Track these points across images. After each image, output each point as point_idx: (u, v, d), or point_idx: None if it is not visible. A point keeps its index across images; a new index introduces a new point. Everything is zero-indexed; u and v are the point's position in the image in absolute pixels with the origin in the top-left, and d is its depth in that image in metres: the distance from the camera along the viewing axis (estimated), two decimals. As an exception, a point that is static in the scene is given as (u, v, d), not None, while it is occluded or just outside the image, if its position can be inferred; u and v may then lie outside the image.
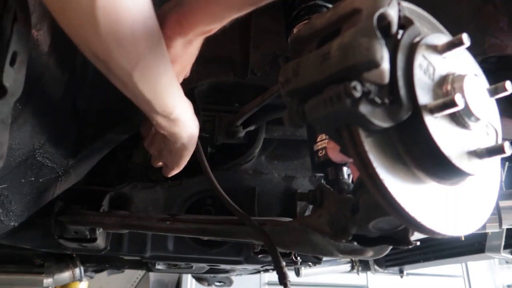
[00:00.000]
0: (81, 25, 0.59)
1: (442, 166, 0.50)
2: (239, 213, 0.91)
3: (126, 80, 0.68)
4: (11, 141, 0.76)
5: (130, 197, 1.28)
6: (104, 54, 0.63)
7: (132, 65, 0.66)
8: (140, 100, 0.74)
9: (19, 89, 0.62)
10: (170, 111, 0.79)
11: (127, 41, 0.62)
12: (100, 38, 0.60)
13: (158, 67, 0.70)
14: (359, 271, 2.76)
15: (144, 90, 0.71)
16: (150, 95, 0.72)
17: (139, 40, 0.64)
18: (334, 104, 0.46)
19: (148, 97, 0.73)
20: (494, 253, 1.71)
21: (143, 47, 0.65)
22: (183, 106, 0.83)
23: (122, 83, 0.70)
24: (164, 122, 0.82)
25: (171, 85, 0.77)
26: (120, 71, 0.66)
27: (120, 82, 0.70)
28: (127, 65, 0.65)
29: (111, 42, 0.61)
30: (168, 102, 0.77)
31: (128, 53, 0.64)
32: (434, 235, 0.50)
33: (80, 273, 1.84)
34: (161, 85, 0.73)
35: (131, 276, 3.81)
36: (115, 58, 0.63)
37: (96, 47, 0.62)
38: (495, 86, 0.55)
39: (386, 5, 0.48)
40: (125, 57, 0.64)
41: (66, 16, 0.58)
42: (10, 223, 0.95)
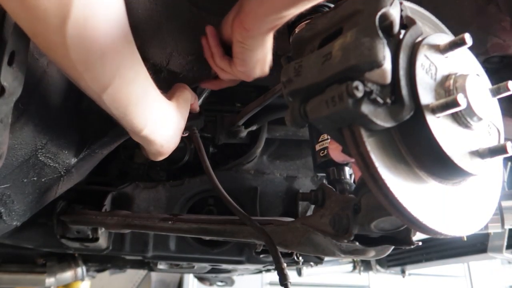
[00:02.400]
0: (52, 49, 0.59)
1: (444, 166, 0.50)
2: (240, 213, 0.91)
3: (96, 98, 0.69)
4: (13, 141, 0.76)
5: (132, 197, 1.28)
6: (74, 76, 0.64)
7: (101, 88, 0.66)
8: (112, 114, 0.75)
9: (18, 88, 0.62)
10: (139, 130, 0.80)
11: (97, 68, 0.63)
12: (70, 63, 0.60)
13: (130, 92, 0.71)
14: (361, 271, 2.76)
15: (113, 110, 0.72)
16: (119, 115, 0.74)
17: (109, 68, 0.64)
18: (336, 104, 0.46)
19: (117, 116, 0.74)
20: (496, 253, 1.70)
21: (113, 72, 0.66)
22: (154, 126, 0.83)
23: (95, 100, 0.71)
24: (133, 136, 0.84)
25: (142, 104, 0.76)
26: (90, 91, 0.67)
27: (93, 98, 0.71)
28: (96, 88, 0.66)
29: (81, 67, 0.61)
30: (138, 122, 0.78)
31: (97, 77, 0.65)
32: (436, 235, 0.50)
33: (82, 273, 1.85)
34: (131, 108, 0.74)
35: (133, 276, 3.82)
36: (84, 81, 0.64)
37: (67, 69, 0.63)
38: (497, 86, 0.55)
39: (388, 5, 0.48)
40: (94, 81, 0.65)
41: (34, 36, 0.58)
42: (13, 222, 0.95)
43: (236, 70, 0.92)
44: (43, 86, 0.78)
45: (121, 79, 0.68)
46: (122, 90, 0.69)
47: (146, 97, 0.76)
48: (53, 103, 0.84)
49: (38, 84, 0.77)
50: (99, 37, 0.59)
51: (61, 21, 0.54)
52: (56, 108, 0.85)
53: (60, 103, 0.87)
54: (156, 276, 3.82)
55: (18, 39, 0.60)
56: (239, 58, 0.87)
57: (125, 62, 0.67)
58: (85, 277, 1.89)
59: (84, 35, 0.57)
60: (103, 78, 0.65)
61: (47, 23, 0.54)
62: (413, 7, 0.55)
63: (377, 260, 2.67)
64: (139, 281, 3.86)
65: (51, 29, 0.55)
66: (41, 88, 0.78)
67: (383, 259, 2.64)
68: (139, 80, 0.72)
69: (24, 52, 0.63)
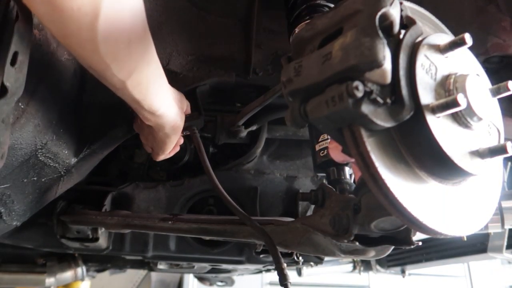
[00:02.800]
0: (81, 45, 0.61)
1: (444, 166, 0.50)
2: (240, 213, 0.91)
3: (119, 87, 0.73)
4: (14, 141, 0.76)
5: (132, 197, 1.28)
6: (100, 67, 0.67)
7: (126, 76, 0.70)
8: (130, 100, 0.80)
9: (20, 88, 0.62)
10: (156, 109, 0.87)
11: (124, 57, 0.66)
12: (99, 56, 0.63)
13: (150, 75, 0.76)
14: (361, 271, 2.76)
15: (135, 95, 0.77)
16: (141, 97, 0.79)
17: (134, 54, 0.68)
18: (336, 104, 0.46)
19: (138, 99, 0.79)
20: (496, 253, 1.70)
21: (137, 60, 0.70)
22: (168, 105, 0.92)
23: (116, 89, 0.75)
24: (150, 117, 0.89)
25: (160, 88, 0.84)
26: (114, 80, 0.71)
27: (113, 87, 0.75)
28: (121, 76, 0.70)
29: (109, 58, 0.64)
30: (156, 102, 0.85)
31: (123, 66, 0.68)
32: (436, 235, 0.50)
33: (82, 273, 1.85)
34: (151, 89, 0.80)
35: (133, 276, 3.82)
36: (111, 71, 0.67)
37: (94, 62, 0.66)
38: (497, 86, 0.55)
39: (388, 5, 0.48)
40: (121, 70, 0.68)
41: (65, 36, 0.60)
42: (13, 222, 0.95)
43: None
44: (44, 86, 0.78)
45: (144, 62, 0.72)
46: (144, 72, 0.74)
47: (161, 76, 0.83)
48: (53, 103, 0.84)
49: (39, 85, 0.77)
50: (126, 27, 0.62)
51: (92, 18, 0.56)
52: (56, 108, 0.85)
53: (60, 103, 0.87)
54: (156, 276, 3.82)
55: (21, 40, 0.60)
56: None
57: (147, 46, 0.72)
58: (85, 277, 1.89)
59: (113, 28, 0.60)
60: (129, 65, 0.69)
61: (80, 22, 0.56)
62: (413, 7, 0.55)
63: (377, 260, 2.67)
64: (139, 281, 3.86)
65: (83, 27, 0.57)
66: (41, 89, 0.78)
67: (383, 259, 2.64)
68: (156, 60, 0.77)
69: (26, 52, 0.63)
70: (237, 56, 1.22)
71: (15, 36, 0.59)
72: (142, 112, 0.87)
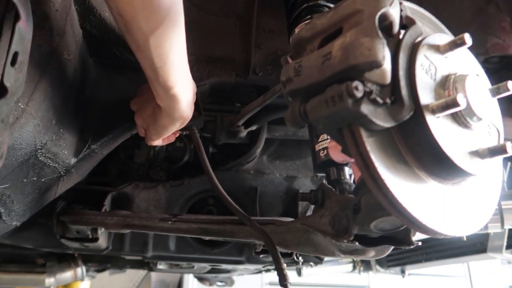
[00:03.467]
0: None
1: (444, 166, 0.50)
2: (240, 214, 0.91)
3: (141, 43, 0.73)
4: (13, 141, 0.76)
5: (132, 197, 1.28)
6: (128, 13, 0.68)
7: (151, 29, 0.71)
8: (148, 65, 0.79)
9: (19, 88, 0.62)
10: (171, 85, 0.83)
11: (153, 5, 0.68)
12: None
13: (173, 39, 0.75)
14: (360, 271, 2.76)
15: (154, 57, 0.76)
16: (159, 63, 0.77)
17: (163, 7, 0.69)
18: (336, 104, 0.46)
19: (157, 65, 0.77)
20: (496, 253, 1.70)
21: (165, 15, 0.70)
22: (183, 86, 0.88)
23: (137, 46, 0.75)
24: (163, 95, 0.87)
25: (180, 62, 0.82)
26: (138, 32, 0.71)
27: (135, 43, 0.75)
28: (146, 28, 0.70)
29: (138, 2, 0.66)
30: (172, 76, 0.82)
31: (150, 16, 0.69)
32: (436, 235, 0.50)
33: (82, 273, 1.85)
34: (171, 57, 0.78)
35: (133, 276, 3.82)
36: (137, 19, 0.68)
37: (123, 5, 0.67)
38: (497, 86, 0.55)
39: (388, 5, 0.48)
40: (147, 20, 0.69)
41: None
42: (12, 222, 0.95)
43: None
44: (43, 86, 0.78)
45: (171, 22, 0.72)
46: (169, 35, 0.74)
47: (184, 52, 0.82)
48: (53, 103, 0.84)
49: (38, 85, 0.77)
50: None
51: None
52: (56, 108, 0.85)
53: (60, 103, 0.87)
54: (156, 276, 3.82)
55: (21, 40, 0.60)
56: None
57: (177, 13, 0.73)
58: (85, 277, 1.89)
59: None
60: (156, 18, 0.70)
61: None
62: (413, 7, 0.55)
63: (377, 260, 2.67)
64: (139, 281, 3.86)
65: None
66: (41, 89, 0.78)
67: (383, 259, 2.64)
68: (182, 31, 0.77)
69: (26, 53, 0.63)
70: (237, 56, 1.22)
71: (15, 36, 0.59)
72: (156, 86, 0.85)
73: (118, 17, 0.71)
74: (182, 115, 0.94)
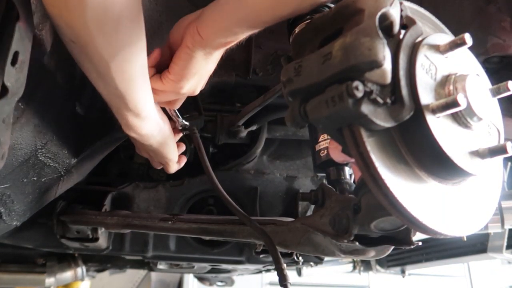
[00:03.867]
0: (67, 7, 0.58)
1: (444, 166, 0.50)
2: (240, 214, 0.91)
3: (102, 70, 0.67)
4: (13, 141, 0.76)
5: (132, 197, 1.28)
6: (84, 38, 0.62)
7: (111, 54, 0.65)
8: (113, 94, 0.73)
9: (20, 88, 0.62)
10: (142, 108, 0.79)
11: (111, 29, 0.62)
12: (84, 22, 0.59)
13: (136, 62, 0.70)
14: (360, 271, 2.76)
15: (119, 83, 0.70)
16: (125, 89, 0.72)
17: (122, 30, 0.64)
18: (336, 104, 0.46)
19: (122, 91, 0.72)
20: (496, 253, 1.70)
21: (125, 38, 0.65)
22: (152, 105, 0.83)
23: (98, 73, 0.69)
24: (135, 121, 0.81)
25: (145, 83, 0.76)
26: (98, 58, 0.65)
27: (95, 71, 0.69)
28: (106, 53, 0.64)
29: (95, 27, 0.60)
30: (141, 98, 0.77)
31: (109, 41, 0.63)
32: (436, 235, 0.50)
33: (82, 273, 1.85)
34: (136, 80, 0.73)
35: (133, 275, 3.82)
36: (95, 44, 0.62)
37: (78, 30, 0.61)
38: (497, 86, 0.55)
39: (388, 5, 0.48)
40: (106, 44, 0.63)
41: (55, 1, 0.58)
42: (13, 222, 0.95)
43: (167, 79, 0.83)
44: (43, 86, 0.78)
45: (132, 48, 0.67)
46: (132, 57, 0.68)
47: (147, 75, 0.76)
48: (53, 103, 0.84)
49: (39, 84, 0.77)
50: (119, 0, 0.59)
51: None
52: (56, 108, 0.85)
53: (60, 103, 0.87)
54: (156, 276, 3.82)
55: (21, 39, 0.60)
56: (178, 64, 0.80)
57: (137, 31, 0.67)
58: (85, 277, 1.89)
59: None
60: (116, 44, 0.64)
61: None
62: (413, 7, 0.55)
63: (377, 260, 2.67)
64: (139, 281, 3.86)
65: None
66: (41, 89, 0.78)
67: (383, 259, 2.64)
68: (145, 54, 0.72)
69: (27, 52, 0.63)
70: (237, 56, 1.22)
71: (15, 36, 0.58)
72: (125, 116, 0.79)
73: (71, 44, 0.65)
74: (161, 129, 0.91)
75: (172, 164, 1.06)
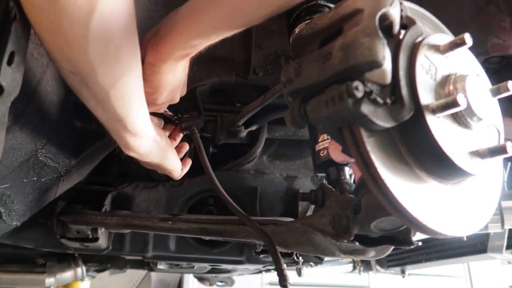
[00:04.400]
0: (68, 43, 0.58)
1: (444, 166, 0.50)
2: (240, 214, 0.91)
3: (102, 97, 0.68)
4: (13, 141, 0.76)
5: (132, 197, 1.28)
6: (85, 70, 0.63)
7: (111, 83, 0.66)
8: (112, 118, 0.74)
9: (16, 88, 0.62)
10: (141, 127, 0.80)
11: (111, 61, 0.63)
12: (86, 57, 0.59)
13: (134, 84, 0.71)
14: (360, 271, 2.76)
15: (118, 108, 0.71)
16: (124, 113, 0.73)
17: (123, 60, 0.64)
18: (336, 104, 0.46)
19: (121, 115, 0.73)
20: (496, 253, 1.70)
21: (125, 67, 0.66)
22: (149, 122, 0.85)
23: (97, 101, 0.69)
24: (133, 141, 0.83)
25: (142, 101, 0.77)
26: (97, 88, 0.66)
27: (93, 99, 0.69)
28: (106, 83, 0.65)
29: (97, 60, 0.60)
30: (138, 118, 0.78)
31: (110, 72, 0.64)
32: (436, 236, 0.50)
33: (82, 273, 1.85)
34: (134, 101, 0.74)
35: (133, 275, 3.82)
36: (96, 75, 0.63)
37: (79, 64, 0.62)
38: (497, 86, 0.55)
39: (388, 5, 0.48)
40: (106, 75, 0.64)
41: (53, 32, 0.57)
42: (13, 222, 0.95)
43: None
44: (43, 86, 0.78)
45: (131, 73, 0.68)
46: (129, 82, 0.69)
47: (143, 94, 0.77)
48: (53, 103, 0.84)
49: (38, 85, 0.77)
50: (119, 30, 0.59)
51: (87, 14, 0.54)
52: (56, 108, 0.85)
53: (60, 103, 0.87)
54: (156, 276, 3.82)
55: (18, 39, 0.60)
56: (146, 80, 0.80)
57: (135, 55, 0.68)
58: (85, 277, 1.89)
59: (106, 27, 0.57)
60: (116, 71, 0.65)
61: (73, 16, 0.54)
62: (413, 7, 0.55)
63: (377, 260, 2.67)
64: (139, 281, 3.86)
65: (76, 22, 0.54)
66: (41, 89, 0.78)
67: (383, 259, 2.64)
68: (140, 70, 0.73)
69: (23, 52, 0.63)
70: (237, 56, 1.22)
71: (12, 36, 0.58)
72: (124, 137, 0.80)
73: (70, 76, 0.64)
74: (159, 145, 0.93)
75: (175, 172, 1.07)
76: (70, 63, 0.62)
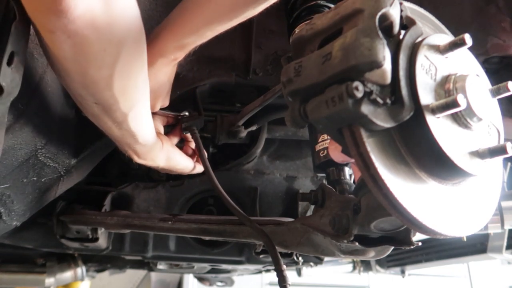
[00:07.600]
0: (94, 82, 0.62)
1: (444, 166, 0.50)
2: (240, 214, 0.91)
3: (120, 121, 0.73)
4: (13, 141, 0.76)
5: (132, 197, 1.28)
6: (108, 103, 0.67)
7: (130, 107, 0.71)
8: (127, 135, 0.79)
9: (15, 89, 0.62)
10: (149, 138, 0.86)
11: (133, 89, 0.68)
12: (110, 92, 0.64)
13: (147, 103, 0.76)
14: (360, 271, 2.76)
15: (133, 127, 0.76)
16: (137, 129, 0.78)
17: (140, 86, 0.70)
18: (336, 104, 0.46)
19: (135, 131, 0.78)
20: (496, 253, 1.70)
21: (141, 90, 0.71)
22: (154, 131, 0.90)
23: (116, 123, 0.74)
24: (143, 150, 0.88)
25: (150, 114, 0.82)
26: (118, 113, 0.70)
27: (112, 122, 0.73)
28: (125, 108, 0.70)
29: (119, 93, 0.65)
30: (148, 131, 0.84)
31: (130, 99, 0.69)
32: (436, 236, 0.50)
33: (82, 273, 1.85)
34: (145, 117, 0.79)
35: (133, 276, 3.81)
36: (117, 104, 0.68)
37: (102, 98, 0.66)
38: (497, 87, 0.55)
39: (388, 5, 0.48)
40: (128, 101, 0.69)
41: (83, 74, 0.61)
42: (13, 222, 0.95)
43: None
44: (43, 87, 0.78)
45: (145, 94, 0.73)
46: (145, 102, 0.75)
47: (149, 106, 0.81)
48: (53, 103, 0.84)
49: (38, 85, 0.77)
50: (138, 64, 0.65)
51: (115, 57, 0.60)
52: (56, 108, 0.85)
53: (60, 104, 0.87)
54: (156, 276, 3.82)
55: (18, 40, 0.60)
56: None
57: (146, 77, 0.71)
58: (85, 277, 1.89)
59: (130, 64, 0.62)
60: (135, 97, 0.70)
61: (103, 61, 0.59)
62: (413, 8, 0.55)
63: (377, 260, 2.67)
64: (139, 281, 3.86)
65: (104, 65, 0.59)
66: (41, 89, 0.78)
67: (383, 259, 2.64)
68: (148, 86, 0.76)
69: (23, 53, 0.63)
70: (237, 56, 1.22)
71: (12, 36, 0.58)
72: (135, 148, 0.86)
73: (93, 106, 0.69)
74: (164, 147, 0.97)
75: (187, 170, 1.10)
76: (95, 97, 0.66)
